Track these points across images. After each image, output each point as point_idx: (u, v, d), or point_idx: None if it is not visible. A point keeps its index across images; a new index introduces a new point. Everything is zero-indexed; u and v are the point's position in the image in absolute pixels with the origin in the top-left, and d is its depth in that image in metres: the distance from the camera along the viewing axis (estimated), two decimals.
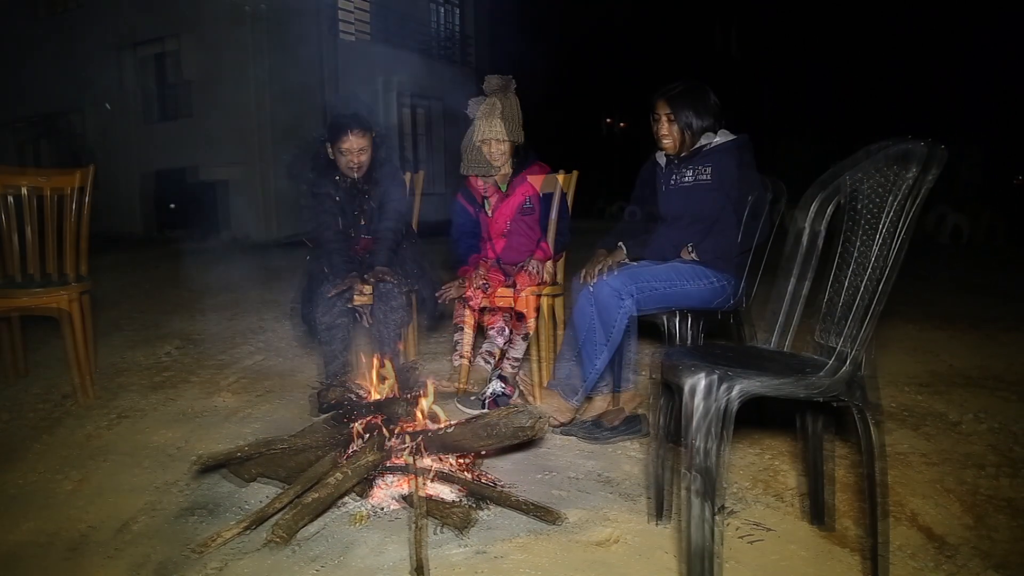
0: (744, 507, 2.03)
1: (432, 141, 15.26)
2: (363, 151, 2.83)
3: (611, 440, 2.58)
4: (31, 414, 2.86)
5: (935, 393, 3.13)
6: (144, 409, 2.96)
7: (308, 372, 3.56)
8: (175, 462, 2.39)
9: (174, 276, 7.00)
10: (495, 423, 2.03)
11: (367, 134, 2.82)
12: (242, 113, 11.35)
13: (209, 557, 1.76)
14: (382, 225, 2.93)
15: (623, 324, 2.44)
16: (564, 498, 2.12)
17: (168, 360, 3.77)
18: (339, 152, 2.82)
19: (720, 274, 2.58)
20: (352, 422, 2.17)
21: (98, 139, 12.76)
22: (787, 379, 1.52)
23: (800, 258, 1.88)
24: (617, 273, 2.49)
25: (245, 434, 2.67)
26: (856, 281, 1.64)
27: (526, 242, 3.03)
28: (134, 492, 2.15)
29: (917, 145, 1.58)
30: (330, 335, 2.83)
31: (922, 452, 2.48)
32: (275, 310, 5.26)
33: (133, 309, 5.13)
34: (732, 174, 2.50)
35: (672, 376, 1.65)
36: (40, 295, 2.93)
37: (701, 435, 1.52)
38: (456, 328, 2.86)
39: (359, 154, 2.82)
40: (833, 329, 1.71)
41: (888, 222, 1.59)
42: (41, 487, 2.18)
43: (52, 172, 3.28)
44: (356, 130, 2.78)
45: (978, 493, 2.15)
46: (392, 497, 2.06)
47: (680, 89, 2.54)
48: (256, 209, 11.49)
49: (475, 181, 2.86)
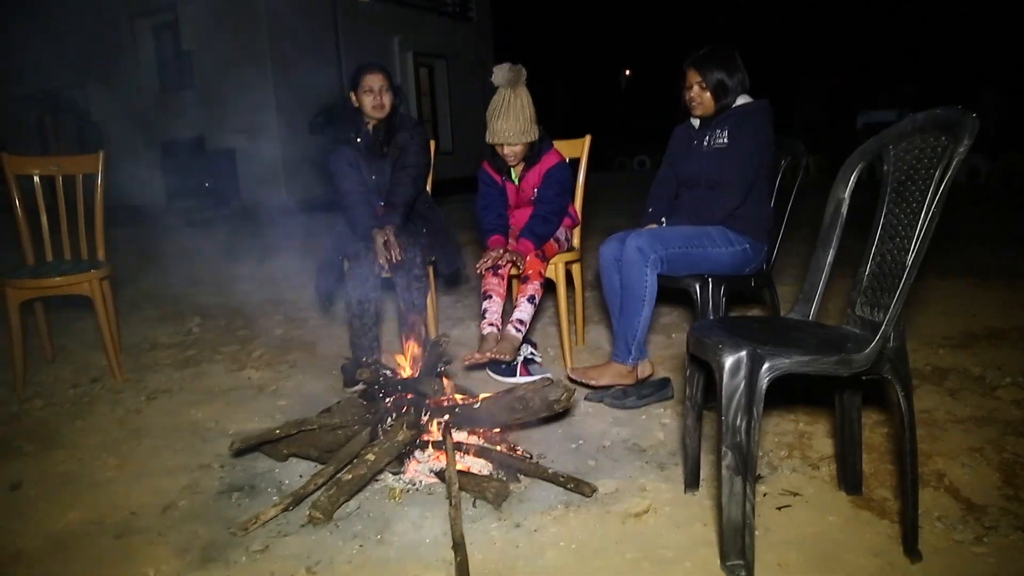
0: (776, 474, 2.04)
1: (441, 100, 15.05)
2: (385, 90, 2.90)
3: (640, 406, 2.59)
4: (65, 399, 2.89)
5: (961, 348, 3.12)
6: (173, 388, 3.00)
7: (331, 343, 3.59)
8: (209, 442, 2.43)
9: (188, 249, 7.01)
10: (527, 397, 2.04)
11: (386, 74, 2.91)
12: (248, 80, 11.21)
13: (252, 537, 1.80)
14: (397, 190, 2.94)
15: (654, 280, 2.45)
16: (597, 468, 2.14)
17: (191, 337, 3.80)
18: (364, 92, 2.89)
19: (748, 239, 2.56)
20: (384, 399, 2.19)
21: (103, 113, 12.67)
22: (819, 356, 1.51)
23: (839, 229, 1.85)
24: (645, 232, 2.49)
25: (276, 410, 2.70)
26: (900, 256, 1.61)
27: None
28: (173, 474, 2.18)
29: (954, 111, 1.54)
30: (360, 309, 2.84)
31: (947, 409, 2.48)
32: (291, 280, 5.27)
33: (151, 286, 5.15)
34: (749, 139, 2.46)
35: (703, 352, 1.64)
36: (68, 279, 2.95)
37: (733, 412, 1.52)
38: (485, 296, 2.85)
39: (381, 92, 2.89)
40: (875, 302, 1.69)
41: (929, 194, 1.56)
42: (83, 473, 2.21)
43: (65, 159, 3.27)
44: (375, 69, 2.90)
45: (1005, 451, 2.15)
46: (427, 471, 2.09)
47: (708, 52, 2.49)
48: (265, 176, 11.42)
49: (501, 149, 2.82)
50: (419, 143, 3.01)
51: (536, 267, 2.82)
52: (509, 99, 2.78)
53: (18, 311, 2.94)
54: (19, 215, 3.14)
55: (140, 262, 6.10)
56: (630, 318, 2.50)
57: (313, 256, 6.29)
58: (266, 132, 11.30)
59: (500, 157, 2.89)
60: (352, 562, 1.69)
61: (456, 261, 3.10)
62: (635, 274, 2.43)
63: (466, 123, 15.17)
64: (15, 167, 3.16)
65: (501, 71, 2.79)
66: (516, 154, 2.86)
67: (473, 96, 15.55)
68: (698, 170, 2.61)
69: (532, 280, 2.81)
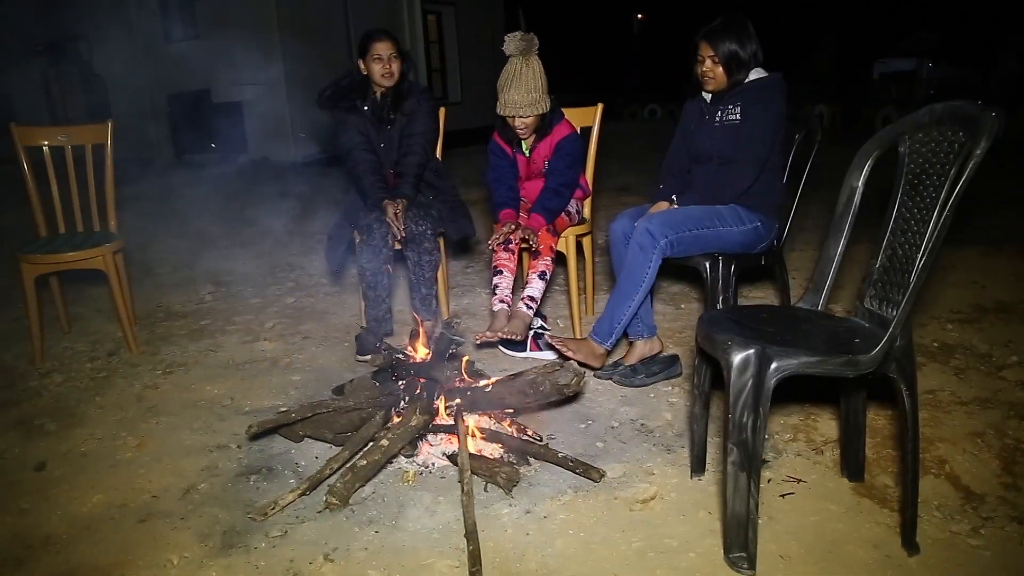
0: (781, 459, 2.08)
1: (450, 48, 14.76)
2: (393, 57, 2.90)
3: (648, 383, 2.62)
4: (83, 373, 2.95)
5: (969, 323, 3.12)
6: (188, 362, 3.05)
7: (342, 312, 3.63)
8: (226, 420, 2.48)
9: (197, 208, 7.00)
10: (538, 381, 2.07)
11: (395, 41, 2.91)
12: (254, 31, 11.01)
13: (271, 522, 1.86)
14: (406, 159, 2.94)
15: (656, 267, 2.45)
16: (605, 450, 2.18)
17: (204, 306, 3.84)
18: (372, 60, 2.88)
19: (760, 216, 2.55)
20: (397, 381, 2.23)
21: (106, 65, 12.51)
22: (826, 357, 1.52)
23: (851, 219, 1.84)
24: (656, 216, 2.47)
25: (290, 385, 2.75)
26: (911, 252, 1.61)
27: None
28: (191, 455, 2.24)
29: (973, 107, 1.51)
30: (374, 281, 2.88)
31: (952, 390, 2.50)
32: (301, 243, 5.31)
33: (162, 249, 5.18)
34: (762, 115, 2.43)
35: (711, 348, 1.66)
36: (82, 253, 2.97)
37: (740, 410, 1.54)
38: (495, 271, 2.86)
39: (390, 61, 2.89)
40: (884, 297, 1.69)
41: (943, 192, 1.54)
42: (104, 453, 2.28)
43: (74, 128, 3.26)
44: (384, 37, 2.90)
45: (1006, 436, 2.17)
46: (440, 453, 2.14)
47: (721, 25, 2.43)
48: (273, 130, 11.33)
49: (512, 121, 2.79)
50: (426, 110, 2.99)
51: (547, 242, 2.82)
52: (521, 69, 2.74)
53: (33, 285, 2.98)
54: (30, 186, 3.15)
55: (150, 224, 6.12)
56: (622, 300, 2.50)
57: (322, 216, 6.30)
58: (273, 84, 11.16)
59: (511, 128, 2.86)
60: (368, 548, 1.75)
61: (466, 228, 3.10)
62: (640, 258, 2.43)
63: (475, 72, 14.90)
64: (24, 138, 3.15)
65: (512, 40, 2.74)
66: (528, 126, 2.83)
67: (483, 44, 15.23)
68: (710, 145, 2.58)
69: (543, 256, 2.81)
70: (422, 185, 3.01)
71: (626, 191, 7.41)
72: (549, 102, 2.81)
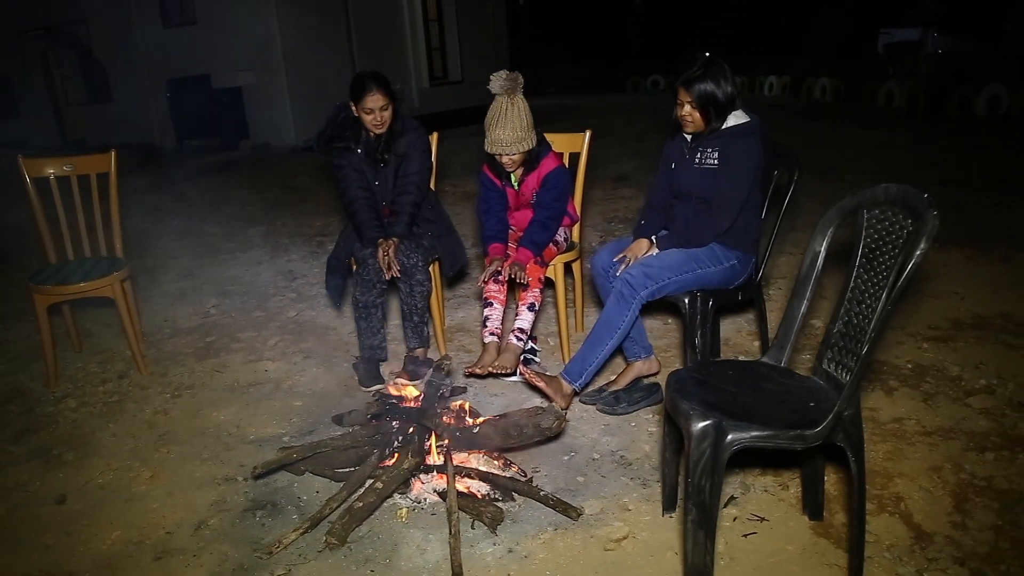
0: (748, 495, 2.23)
1: (450, 26, 14.68)
2: (385, 108, 2.96)
3: (630, 411, 2.77)
4: (96, 398, 3.12)
5: (944, 341, 3.25)
6: (195, 384, 3.21)
7: (342, 327, 3.78)
8: (232, 449, 2.65)
9: (200, 206, 7.13)
10: (522, 424, 2.23)
11: (387, 91, 2.95)
12: (252, 15, 11.01)
13: (276, 560, 2.03)
14: (401, 198, 3.05)
15: (634, 316, 2.58)
16: (586, 484, 2.34)
17: (209, 320, 4.00)
18: (363, 111, 2.95)
19: (738, 253, 2.67)
20: (391, 422, 2.38)
21: (105, 49, 12.53)
22: (776, 431, 1.66)
23: (813, 281, 1.97)
24: (637, 266, 2.60)
25: (292, 411, 2.91)
26: (864, 324, 1.74)
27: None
28: (201, 488, 2.41)
29: (919, 198, 1.63)
30: (367, 312, 3.01)
31: (918, 419, 2.64)
32: (301, 247, 5.44)
33: (165, 254, 5.32)
34: (739, 162, 2.53)
35: (675, 414, 1.80)
36: (91, 284, 3.11)
37: (698, 475, 1.69)
38: (485, 303, 2.99)
39: (381, 112, 2.95)
40: (840, 362, 1.83)
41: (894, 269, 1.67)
42: (119, 485, 2.45)
43: (79, 158, 3.38)
44: (374, 89, 2.91)
45: (962, 471, 2.31)
46: (431, 490, 2.30)
47: (700, 73, 2.52)
48: (274, 115, 11.39)
49: (500, 157, 2.90)
50: (420, 148, 3.09)
51: (536, 274, 2.95)
52: (506, 108, 2.84)
53: (46, 313, 3.13)
54: (38, 215, 3.28)
55: (153, 224, 6.25)
56: (596, 344, 2.63)
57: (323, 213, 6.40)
58: (272, 69, 11.18)
59: (499, 163, 2.97)
60: None
61: (459, 260, 3.23)
62: (620, 306, 2.55)
63: (476, 51, 14.85)
64: (31, 170, 3.28)
65: (498, 79, 2.83)
66: (514, 162, 2.94)
67: (483, 21, 15.15)
68: (689, 185, 2.69)
69: (532, 287, 2.94)
70: (417, 220, 3.12)
71: (624, 181, 7.44)
72: (535, 138, 2.91)
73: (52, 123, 14.23)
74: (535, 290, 2.95)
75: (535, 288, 2.95)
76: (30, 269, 3.27)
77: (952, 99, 13.53)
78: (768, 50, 22.85)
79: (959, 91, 13.48)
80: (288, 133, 11.38)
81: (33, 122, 14.65)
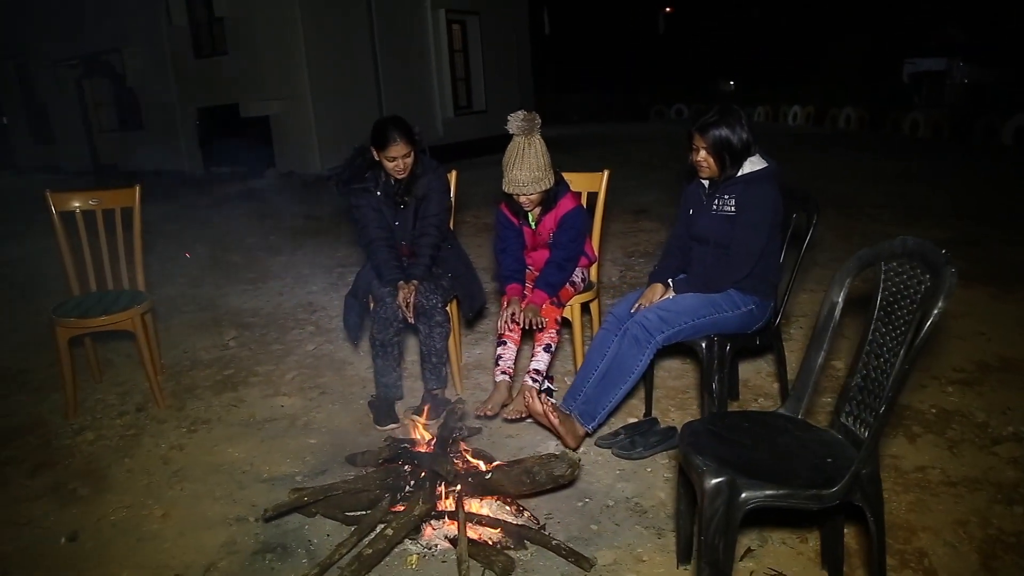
0: (766, 547, 2.17)
1: (475, 57, 14.87)
2: (408, 156, 2.96)
3: (647, 456, 2.73)
4: (112, 431, 3.14)
5: (970, 385, 3.17)
6: (212, 419, 3.22)
7: (359, 363, 3.78)
8: (246, 488, 2.64)
9: (224, 235, 7.23)
10: (534, 471, 2.20)
11: (409, 139, 2.94)
12: (280, 46, 11.25)
13: None
14: (422, 240, 3.05)
15: (648, 360, 2.55)
16: (599, 533, 2.30)
17: (228, 353, 4.02)
18: (386, 159, 2.95)
19: (755, 299, 2.63)
20: (403, 466, 2.36)
21: (138, 78, 12.86)
22: (792, 491, 1.61)
23: (831, 332, 1.93)
24: (653, 310, 2.57)
25: (307, 450, 2.90)
26: (883, 379, 1.70)
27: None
28: (212, 528, 2.40)
29: (938, 255, 1.59)
30: (384, 351, 3.01)
31: (942, 468, 2.57)
32: (322, 278, 5.47)
33: (187, 283, 5.40)
34: (755, 209, 2.51)
35: (688, 469, 1.76)
36: (112, 317, 3.15)
37: (711, 532, 1.65)
38: (499, 341, 2.98)
39: (404, 159, 2.96)
40: (858, 416, 1.79)
41: (912, 324, 1.63)
42: (132, 524, 2.45)
43: (104, 193, 3.45)
44: (398, 139, 2.91)
45: (990, 525, 2.24)
46: (442, 536, 2.27)
47: (715, 119, 2.51)
48: (300, 144, 11.58)
49: (518, 197, 2.91)
50: (440, 190, 3.10)
51: (552, 315, 2.93)
52: (524, 148, 2.85)
53: (67, 346, 3.17)
54: (63, 247, 3.35)
55: (177, 252, 6.34)
56: (609, 390, 2.60)
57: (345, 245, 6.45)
58: (299, 99, 11.39)
59: (517, 202, 2.98)
60: None
61: (478, 301, 3.22)
62: (634, 350, 2.53)
63: (500, 80, 15.03)
64: (58, 204, 3.35)
65: (515, 120, 2.85)
66: (532, 201, 2.94)
67: (507, 52, 15.33)
68: (707, 231, 2.67)
69: (548, 328, 2.93)
70: (436, 261, 3.12)
71: (644, 214, 7.42)
72: (552, 177, 2.91)
73: (85, 149, 14.61)
74: (552, 331, 2.93)
75: (552, 329, 2.93)
76: (54, 298, 3.33)
77: (978, 128, 13.39)
78: (792, 79, 22.86)
79: (985, 120, 13.35)
80: (314, 162, 11.55)
81: (67, 147, 15.07)
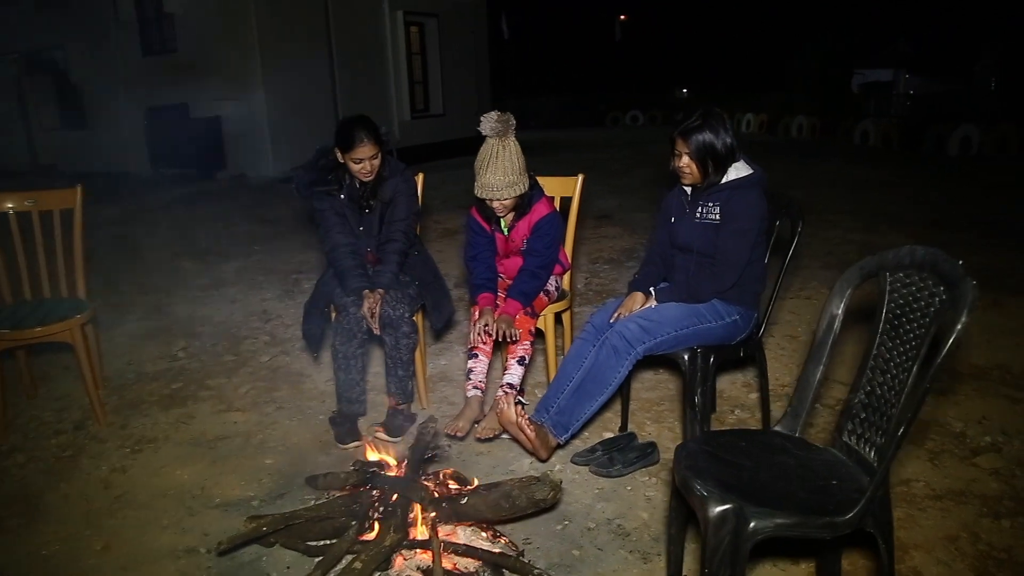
0: (756, 571, 2.07)
1: (432, 59, 14.67)
2: (375, 157, 2.80)
3: (625, 474, 2.60)
4: (47, 452, 2.87)
5: (944, 394, 3.14)
6: (158, 437, 2.98)
7: (317, 375, 3.58)
8: (196, 515, 2.42)
9: (173, 238, 6.91)
10: (513, 495, 2.05)
11: (376, 140, 2.78)
12: (233, 46, 10.88)
13: None
14: (388, 246, 2.89)
15: (627, 372, 2.43)
16: (581, 559, 2.15)
17: (177, 365, 3.77)
18: (352, 160, 2.78)
19: (739, 309, 2.54)
20: (371, 491, 2.19)
21: (83, 76, 12.31)
22: (804, 519, 1.50)
23: (830, 346, 1.83)
24: (634, 319, 2.45)
25: (263, 471, 2.69)
26: (891, 396, 1.61)
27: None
28: (159, 561, 2.18)
29: (954, 266, 1.50)
30: (347, 364, 2.83)
31: (926, 480, 2.50)
32: (277, 285, 5.24)
33: (134, 289, 5.09)
34: (740, 217, 2.42)
35: (688, 494, 1.64)
36: (48, 328, 2.89)
37: (716, 565, 1.52)
38: (471, 354, 2.82)
39: (371, 161, 2.79)
40: (862, 436, 1.69)
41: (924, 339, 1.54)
42: (67, 558, 2.21)
43: (42, 193, 3.18)
44: (366, 140, 2.74)
45: (979, 540, 2.17)
46: (415, 567, 2.10)
47: (698, 123, 2.40)
48: (252, 146, 11.21)
49: (490, 202, 2.75)
50: (407, 193, 2.93)
51: (526, 326, 2.79)
52: (497, 151, 2.70)
53: None
54: None
55: (124, 255, 6.02)
56: (585, 401, 2.48)
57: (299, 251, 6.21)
58: (251, 99, 11.03)
59: (489, 207, 2.83)
60: None
61: (446, 312, 3.05)
62: (613, 361, 2.41)
63: (458, 83, 14.86)
64: None
65: (488, 121, 2.70)
66: (506, 207, 2.79)
67: (466, 56, 15.19)
68: (690, 240, 2.56)
69: (522, 340, 2.78)
70: (403, 267, 2.95)
71: (607, 220, 7.35)
72: (527, 181, 2.77)
73: (23, 147, 13.92)
74: (525, 342, 2.79)
75: (525, 340, 2.79)
76: None
77: (927, 138, 13.76)
78: (746, 87, 23.24)
79: (934, 130, 13.73)
80: (266, 165, 11.19)
81: (4, 146, 14.34)
